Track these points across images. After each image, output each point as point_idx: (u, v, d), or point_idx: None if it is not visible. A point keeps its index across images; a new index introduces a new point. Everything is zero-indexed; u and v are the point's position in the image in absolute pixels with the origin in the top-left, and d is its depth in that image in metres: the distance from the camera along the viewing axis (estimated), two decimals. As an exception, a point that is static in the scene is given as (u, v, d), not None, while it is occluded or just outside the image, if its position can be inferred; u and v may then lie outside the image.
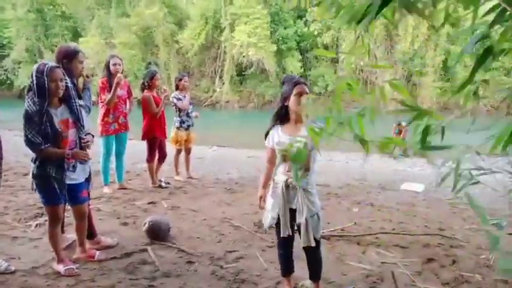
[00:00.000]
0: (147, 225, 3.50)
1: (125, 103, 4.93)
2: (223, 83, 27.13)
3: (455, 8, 1.34)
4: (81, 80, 3.50)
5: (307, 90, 2.41)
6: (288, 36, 26.64)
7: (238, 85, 27.58)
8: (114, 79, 4.60)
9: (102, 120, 4.78)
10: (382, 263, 3.24)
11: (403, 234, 3.90)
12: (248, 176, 6.34)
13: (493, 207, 4.36)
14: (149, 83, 5.25)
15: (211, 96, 27.19)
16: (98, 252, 3.16)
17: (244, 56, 25.95)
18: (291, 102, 2.42)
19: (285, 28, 26.97)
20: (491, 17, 1.13)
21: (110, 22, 27.78)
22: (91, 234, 3.32)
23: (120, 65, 4.78)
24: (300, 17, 27.61)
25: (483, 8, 1.18)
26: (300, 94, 2.39)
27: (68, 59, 3.26)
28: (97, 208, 4.29)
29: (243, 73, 27.40)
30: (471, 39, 1.05)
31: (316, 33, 25.89)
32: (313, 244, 2.42)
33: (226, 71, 26.98)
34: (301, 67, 26.28)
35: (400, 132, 10.03)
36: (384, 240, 3.75)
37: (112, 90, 4.59)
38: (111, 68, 4.72)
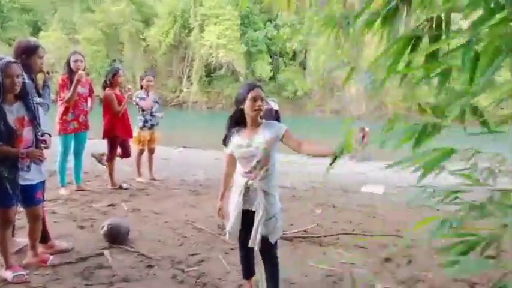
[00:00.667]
0: (105, 228, 3.38)
1: (86, 101, 4.76)
2: (191, 83, 26.88)
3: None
4: (40, 76, 3.35)
5: (262, 94, 2.40)
6: (258, 39, 26.81)
7: (206, 86, 27.42)
8: (75, 76, 4.42)
9: (61, 118, 4.58)
10: (342, 263, 3.30)
11: (362, 235, 4.00)
12: (214, 178, 6.27)
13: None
14: (111, 80, 5.09)
15: (178, 96, 26.86)
16: (51, 257, 3.01)
17: (213, 57, 25.83)
18: (247, 106, 2.40)
19: (255, 31, 27.12)
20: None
21: (73, 17, 26.77)
22: (44, 238, 3.16)
23: (81, 61, 4.59)
24: (270, 20, 27.87)
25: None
26: (254, 99, 2.38)
27: (27, 54, 3.12)
28: (52, 210, 4.10)
29: (212, 74, 27.28)
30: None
31: (285, 37, 26.21)
32: (257, 246, 2.41)
33: (195, 71, 26.75)
34: (270, 70, 26.49)
35: (363, 136, 10.29)
36: (344, 241, 3.83)
37: (72, 88, 4.41)
38: (72, 64, 4.53)
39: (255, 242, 2.41)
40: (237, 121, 2.49)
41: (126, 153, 5.38)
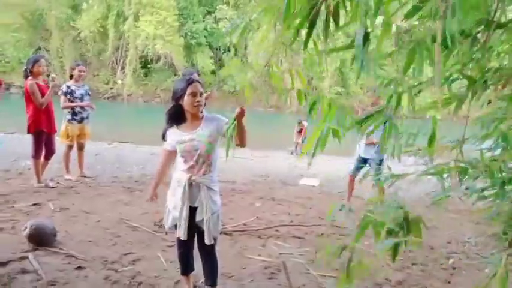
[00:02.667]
0: (28, 229, 3.10)
1: None
2: (125, 75, 25.68)
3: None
4: None
5: (200, 89, 2.34)
6: (197, 31, 26.31)
7: (142, 78, 26.38)
8: None
9: None
10: (280, 254, 3.38)
11: (299, 225, 4.13)
12: (150, 174, 6.06)
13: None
14: (31, 69, 4.65)
15: (111, 88, 25.52)
16: (-37, 265, 2.69)
17: (149, 48, 24.91)
18: (186, 102, 2.33)
19: (194, 23, 26.59)
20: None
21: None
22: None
23: None
24: (209, 12, 27.51)
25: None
26: (193, 94, 2.31)
27: None
28: (-36, 213, 3.68)
29: (149, 66, 26.31)
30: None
31: (224, 31, 26.04)
32: (212, 242, 2.40)
33: (129, 62, 25.60)
34: (212, 64, 26.19)
35: (301, 130, 10.63)
36: (282, 232, 3.92)
37: None
38: None
39: (210, 239, 2.38)
40: (176, 116, 2.41)
41: (49, 151, 4.92)
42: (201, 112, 2.41)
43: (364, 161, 4.82)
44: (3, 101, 4.35)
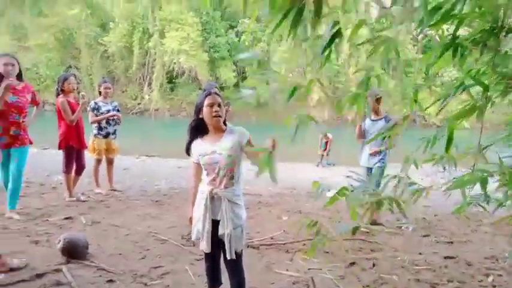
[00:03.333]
0: (61, 242, 3.19)
1: (21, 112, 4.08)
2: (152, 90, 26.31)
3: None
4: None
5: (219, 100, 2.37)
6: (219, 45, 26.73)
7: (168, 93, 26.94)
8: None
9: None
10: (308, 269, 3.31)
11: (328, 240, 4.04)
12: (177, 187, 6.15)
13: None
14: (62, 87, 4.85)
15: (139, 104, 26.18)
16: (1, 275, 2.79)
17: (175, 63, 25.47)
18: (205, 114, 2.37)
19: (217, 37, 27.05)
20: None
21: (23, 21, 25.41)
22: (-7, 256, 2.93)
23: (13, 65, 3.97)
24: (231, 27, 27.94)
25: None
26: (211, 105, 2.34)
27: None
28: (4, 226, 3.83)
29: (174, 81, 26.86)
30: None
31: (246, 43, 26.37)
32: (234, 257, 2.38)
33: (156, 78, 26.22)
34: (234, 77, 26.48)
35: (326, 143, 10.52)
36: (310, 246, 3.84)
37: None
38: (1, 68, 3.91)
39: (231, 254, 2.36)
40: (197, 129, 2.44)
41: (80, 166, 5.06)
42: (225, 125, 2.43)
43: (369, 171, 4.68)
44: (38, 117, 4.50)
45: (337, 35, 1.24)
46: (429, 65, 1.67)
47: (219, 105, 2.36)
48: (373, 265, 3.44)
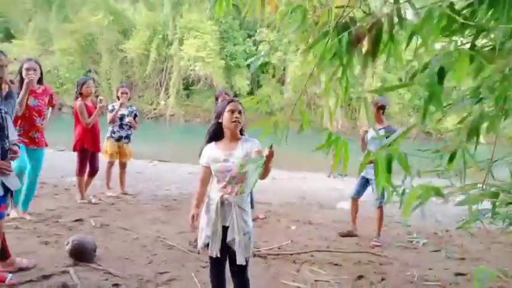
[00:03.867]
0: (69, 244, 3.23)
1: (40, 116, 4.12)
2: (169, 96, 26.65)
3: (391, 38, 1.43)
4: (4, 86, 3.18)
5: (239, 107, 2.42)
6: (236, 53, 26.98)
7: (184, 99, 27.26)
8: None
9: None
10: (315, 281, 3.26)
11: (336, 252, 3.98)
12: (187, 193, 6.17)
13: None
14: (80, 91, 4.96)
15: (155, 109, 26.54)
16: (9, 275, 2.83)
17: (192, 70, 25.78)
18: (225, 118, 2.41)
19: (234, 45, 27.32)
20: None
21: (49, 26, 26.20)
22: (3, 255, 2.98)
23: (35, 70, 3.96)
24: (249, 36, 28.18)
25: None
26: (232, 111, 2.39)
27: None
28: (15, 226, 3.90)
29: (190, 87, 27.17)
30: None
31: (263, 53, 26.48)
32: (244, 263, 2.36)
33: (173, 84, 26.58)
34: (248, 85, 26.63)
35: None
36: (318, 258, 3.80)
37: (19, 99, 3.75)
38: (24, 73, 3.91)
39: (241, 259, 2.35)
40: (215, 134, 2.48)
41: (93, 169, 5.14)
42: (241, 134, 2.45)
43: (366, 182, 4.52)
44: (55, 119, 4.58)
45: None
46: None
47: (240, 113, 2.41)
48: (382, 279, 3.36)
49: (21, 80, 3.93)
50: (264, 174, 2.23)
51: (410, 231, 4.87)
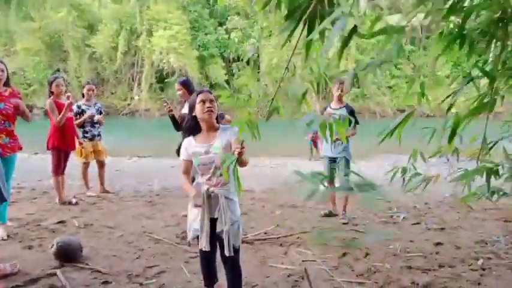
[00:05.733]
0: (54, 246, 3.18)
1: (9, 119, 3.83)
2: (142, 91, 26.16)
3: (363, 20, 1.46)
4: None
5: (211, 96, 2.40)
6: (209, 43, 26.66)
7: (159, 92, 26.82)
8: None
9: None
10: (303, 261, 3.35)
11: (321, 231, 4.09)
12: (171, 187, 6.15)
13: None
14: (51, 89, 4.86)
15: (129, 104, 26.03)
16: (-6, 283, 2.78)
17: (164, 63, 25.35)
18: (197, 111, 2.40)
19: (206, 34, 26.97)
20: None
21: (9, 26, 25.07)
22: (-15, 264, 2.91)
23: (2, 71, 3.76)
24: (220, 24, 27.85)
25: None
26: (203, 101, 2.38)
27: None
28: (-5, 233, 3.79)
29: (165, 80, 26.73)
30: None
31: (236, 40, 26.30)
32: (232, 254, 2.40)
33: (145, 78, 26.10)
34: (225, 74, 26.44)
35: (314, 139, 10.56)
36: (304, 239, 3.89)
37: None
38: None
39: (230, 250, 2.37)
40: (192, 128, 2.47)
41: (64, 167, 5.02)
42: (217, 123, 2.45)
43: (333, 161, 4.56)
44: (26, 123, 4.31)
45: (353, 32, 1.23)
46: (436, 57, 1.69)
47: (211, 101, 2.39)
48: (366, 254, 3.48)
49: None
50: (241, 165, 2.25)
51: (390, 206, 5.03)
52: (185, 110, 4.51)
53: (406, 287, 2.89)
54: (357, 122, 4.40)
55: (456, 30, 1.45)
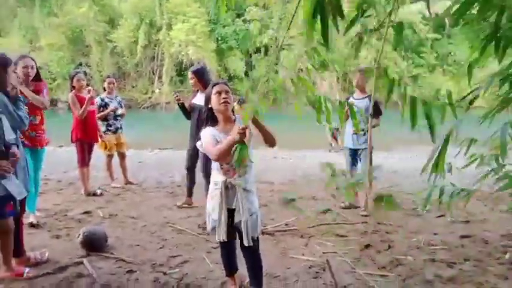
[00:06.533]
0: (81, 236, 3.28)
1: (35, 113, 3.84)
2: (163, 84, 26.44)
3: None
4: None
5: (226, 88, 2.41)
6: (227, 35, 26.62)
7: (179, 85, 27.03)
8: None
9: None
10: (323, 253, 3.34)
11: (342, 223, 4.06)
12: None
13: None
14: (72, 84, 4.99)
15: (150, 98, 26.37)
16: (26, 269, 2.89)
17: (183, 55, 25.51)
18: (213, 102, 2.41)
19: (224, 27, 26.93)
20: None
21: (34, 22, 25.74)
22: (18, 251, 3.03)
23: (32, 67, 3.77)
24: (238, 16, 27.74)
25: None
26: (219, 93, 2.39)
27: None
28: (24, 222, 3.93)
29: (183, 73, 26.91)
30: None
31: (255, 32, 26.15)
32: (251, 244, 2.41)
33: (166, 71, 26.34)
34: (243, 66, 26.39)
35: (334, 136, 10.47)
36: (325, 231, 3.87)
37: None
38: (20, 71, 3.66)
39: (249, 240, 2.39)
40: (209, 120, 2.48)
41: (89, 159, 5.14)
42: (234, 114, 2.46)
43: (355, 153, 4.51)
44: (51, 117, 4.40)
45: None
46: (473, 62, 1.63)
47: (227, 92, 2.39)
48: (389, 247, 3.44)
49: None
50: (265, 138, 2.23)
51: (413, 198, 4.94)
52: (195, 99, 4.54)
53: (429, 280, 2.84)
54: (380, 113, 4.32)
55: (488, 30, 1.38)
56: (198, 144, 2.52)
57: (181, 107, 4.58)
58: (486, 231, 3.83)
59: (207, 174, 4.17)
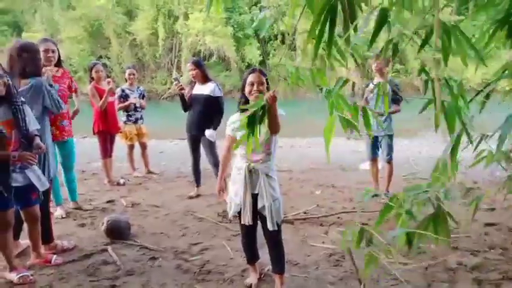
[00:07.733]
0: (105, 224, 3.38)
1: (65, 100, 3.70)
2: (181, 75, 26.57)
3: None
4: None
5: (262, 79, 2.38)
6: (243, 23, 26.43)
7: (197, 75, 27.10)
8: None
9: None
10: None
11: (362, 212, 4.03)
12: (211, 168, 6.26)
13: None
14: (91, 75, 5.07)
15: (169, 88, 26.58)
16: (54, 256, 3.01)
17: (201, 45, 25.51)
18: (246, 92, 2.42)
19: (240, 14, 26.74)
20: None
21: (54, 16, 26.20)
22: (48, 239, 3.16)
23: (53, 51, 3.60)
24: (255, 3, 27.46)
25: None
26: (251, 83, 2.38)
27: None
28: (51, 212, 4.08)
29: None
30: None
31: (273, 20, 25.81)
32: (276, 227, 2.43)
33: (184, 62, 26.40)
34: (260, 55, 26.21)
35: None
36: (345, 219, 3.86)
37: None
38: (43, 56, 3.38)
39: (273, 224, 2.42)
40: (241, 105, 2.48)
41: (111, 150, 5.24)
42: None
43: (376, 139, 4.45)
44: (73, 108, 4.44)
45: (383, 22, 1.17)
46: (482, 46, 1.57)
47: (261, 84, 2.37)
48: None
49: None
50: (271, 123, 2.19)
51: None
52: (195, 90, 4.51)
53: (452, 268, 2.80)
54: (400, 99, 4.23)
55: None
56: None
57: (181, 97, 4.55)
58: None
59: (216, 163, 4.22)
